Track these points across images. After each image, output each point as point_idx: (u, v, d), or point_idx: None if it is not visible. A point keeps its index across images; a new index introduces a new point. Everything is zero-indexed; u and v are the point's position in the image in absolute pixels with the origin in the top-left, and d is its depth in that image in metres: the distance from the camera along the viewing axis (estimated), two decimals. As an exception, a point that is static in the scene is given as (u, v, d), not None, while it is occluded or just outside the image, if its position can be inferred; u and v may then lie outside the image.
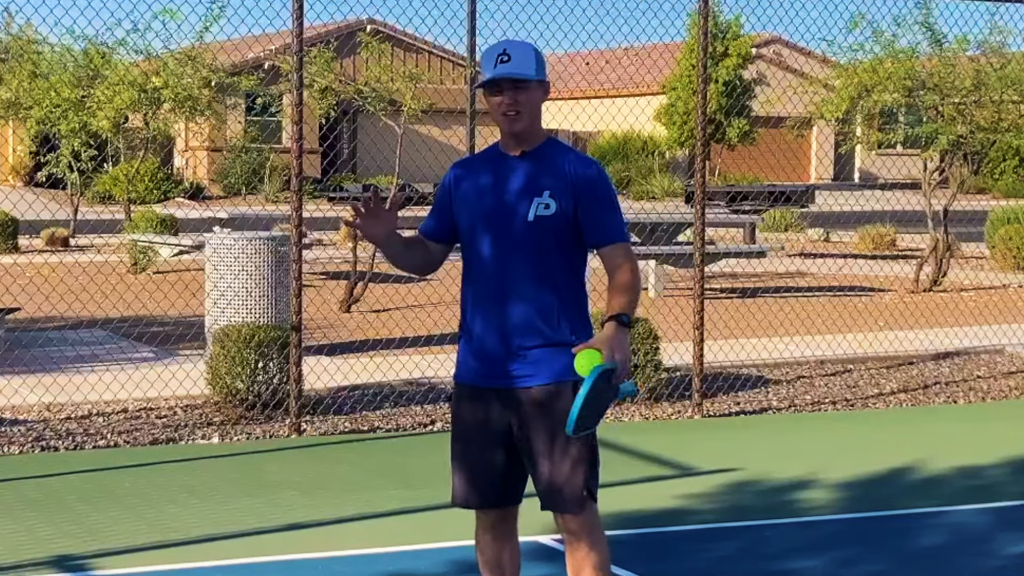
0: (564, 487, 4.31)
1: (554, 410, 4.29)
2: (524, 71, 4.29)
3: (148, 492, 7.19)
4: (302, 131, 8.61)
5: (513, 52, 4.28)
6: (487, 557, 4.57)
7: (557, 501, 4.34)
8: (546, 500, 4.37)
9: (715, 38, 38.22)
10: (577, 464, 4.31)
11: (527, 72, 4.29)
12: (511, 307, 4.31)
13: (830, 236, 26.40)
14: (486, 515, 4.51)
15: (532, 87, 4.31)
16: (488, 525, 4.53)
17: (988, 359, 11.92)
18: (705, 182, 9.71)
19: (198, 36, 21.48)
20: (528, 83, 4.30)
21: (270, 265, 10.46)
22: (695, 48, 12.35)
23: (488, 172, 4.40)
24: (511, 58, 4.27)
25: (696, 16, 9.74)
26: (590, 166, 4.37)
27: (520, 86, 4.29)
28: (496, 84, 4.28)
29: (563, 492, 4.32)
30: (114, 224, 21.56)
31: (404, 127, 16.04)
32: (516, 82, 4.28)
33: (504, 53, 4.27)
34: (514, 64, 4.27)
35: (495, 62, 4.28)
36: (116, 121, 22.47)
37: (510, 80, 4.28)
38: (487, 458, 4.41)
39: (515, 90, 4.28)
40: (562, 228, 4.31)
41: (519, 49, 4.30)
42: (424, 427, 8.94)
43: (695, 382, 9.54)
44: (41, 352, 11.14)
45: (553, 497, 4.34)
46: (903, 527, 6.78)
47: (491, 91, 4.29)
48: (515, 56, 4.28)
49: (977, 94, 17.38)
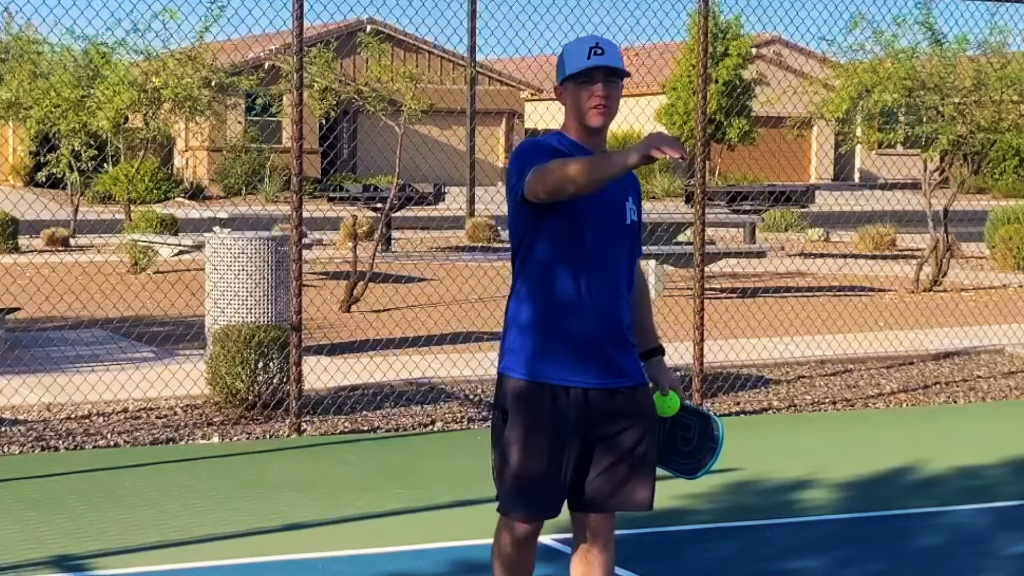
0: (651, 485, 4.32)
1: (649, 408, 4.33)
2: (620, 65, 4.22)
3: (148, 492, 7.20)
4: (302, 131, 8.61)
5: (606, 47, 4.21)
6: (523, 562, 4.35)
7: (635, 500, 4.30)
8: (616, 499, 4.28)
9: (715, 38, 38.23)
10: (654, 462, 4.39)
11: (622, 67, 4.23)
12: (619, 307, 4.25)
13: (830, 236, 26.41)
14: (537, 525, 4.31)
15: (620, 84, 4.26)
16: (534, 535, 4.32)
17: (988, 359, 11.92)
18: (705, 182, 9.71)
19: (198, 36, 21.50)
20: (620, 78, 4.24)
21: (270, 265, 10.45)
22: (695, 48, 12.35)
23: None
24: (605, 52, 4.20)
25: (696, 16, 9.74)
26: (637, 179, 4.42)
27: (613, 80, 4.22)
28: (589, 74, 4.18)
29: (648, 490, 4.32)
30: (114, 224, 21.55)
31: (404, 127, 16.04)
32: (610, 75, 4.21)
33: (597, 46, 4.19)
34: (608, 57, 4.20)
35: (588, 53, 4.18)
36: (116, 121, 22.48)
37: (605, 71, 4.19)
38: (564, 461, 4.21)
39: (608, 83, 4.20)
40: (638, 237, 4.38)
41: (611, 45, 4.24)
42: (424, 427, 8.94)
43: (695, 382, 9.54)
44: (41, 352, 11.13)
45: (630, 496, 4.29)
46: (903, 527, 6.78)
47: (581, 81, 4.19)
48: (608, 51, 4.21)
49: (977, 94, 17.38)
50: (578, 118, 4.22)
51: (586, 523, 4.33)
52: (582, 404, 4.21)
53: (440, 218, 27.45)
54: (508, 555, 4.31)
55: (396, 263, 19.88)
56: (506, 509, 4.26)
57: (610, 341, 4.22)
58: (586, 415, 4.22)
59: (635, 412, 4.28)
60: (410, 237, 25.73)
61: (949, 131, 17.48)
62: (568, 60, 4.22)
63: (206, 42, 22.10)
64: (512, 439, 4.22)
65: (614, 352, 4.23)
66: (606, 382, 4.22)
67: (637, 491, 4.31)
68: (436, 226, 26.84)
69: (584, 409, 4.21)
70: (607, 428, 4.25)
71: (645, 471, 4.32)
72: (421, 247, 24.06)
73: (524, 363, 4.22)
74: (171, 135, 29.63)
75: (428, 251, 23.24)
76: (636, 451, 4.28)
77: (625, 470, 4.28)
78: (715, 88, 38.09)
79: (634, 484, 4.30)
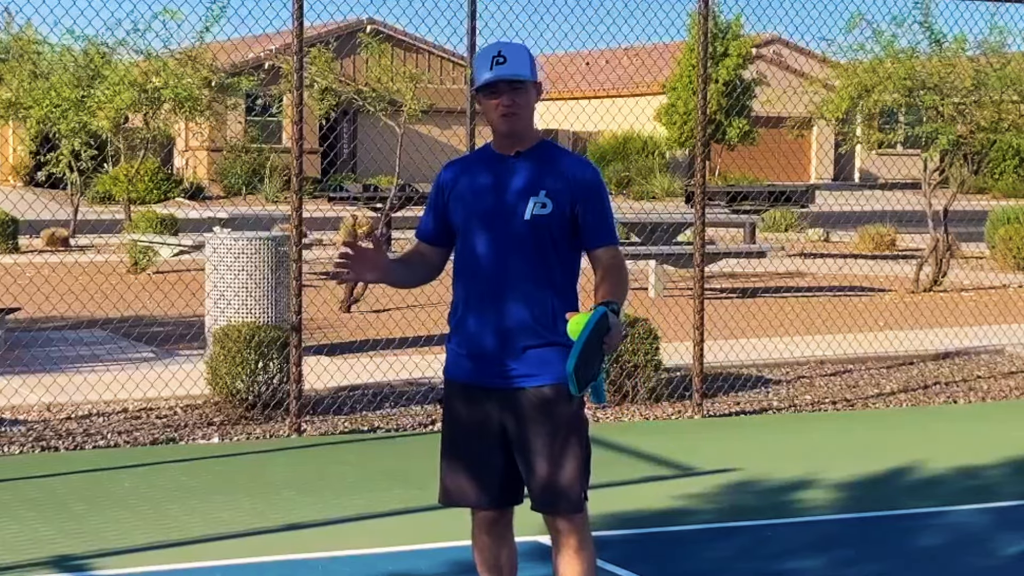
0: (563, 489, 4.31)
1: (555, 411, 4.30)
2: (521, 72, 4.31)
3: (148, 492, 7.20)
4: (302, 131, 8.61)
5: (508, 53, 4.31)
6: (485, 557, 4.56)
7: (555, 503, 4.34)
8: (542, 502, 4.36)
9: (715, 38, 38.20)
10: (575, 466, 4.32)
11: (523, 73, 4.32)
12: (510, 306, 4.31)
13: (830, 236, 26.40)
14: (484, 515, 4.50)
15: (528, 88, 4.34)
16: (486, 526, 4.52)
17: (988, 359, 11.92)
18: (705, 182, 9.70)
19: (198, 36, 21.49)
20: (524, 84, 4.32)
21: (270, 265, 10.46)
22: (695, 48, 12.35)
23: (485, 172, 4.41)
24: (507, 60, 4.29)
25: (696, 16, 9.73)
26: (587, 169, 4.41)
27: (517, 87, 4.31)
28: (493, 86, 4.30)
29: (562, 494, 4.31)
30: (114, 224, 21.56)
31: (404, 127, 16.04)
32: (513, 83, 4.30)
33: (499, 55, 4.29)
34: (510, 66, 4.29)
35: (491, 64, 4.29)
36: (116, 121, 22.48)
37: (507, 81, 4.30)
38: (485, 457, 4.39)
39: (513, 91, 4.31)
40: (558, 228, 4.32)
41: (514, 50, 4.33)
42: (424, 427, 8.93)
43: (695, 382, 9.53)
44: (41, 352, 11.13)
45: (550, 499, 4.33)
46: (903, 527, 6.78)
47: (487, 93, 4.32)
48: (511, 57, 4.30)
49: (977, 94, 17.38)
50: (493, 126, 4.38)
51: (544, 521, 4.44)
52: (488, 402, 4.36)
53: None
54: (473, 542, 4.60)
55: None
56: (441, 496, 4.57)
57: (499, 342, 4.31)
58: (496, 414, 4.35)
59: (534, 414, 4.31)
60: (410, 237, 25.71)
61: (949, 131, 17.47)
62: (476, 72, 4.35)
63: (206, 42, 22.09)
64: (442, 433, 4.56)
65: (505, 353, 4.31)
66: (500, 382, 4.33)
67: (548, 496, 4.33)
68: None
69: (492, 407, 4.35)
70: (516, 429, 4.34)
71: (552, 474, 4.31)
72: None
73: (447, 362, 4.50)
74: (171, 135, 29.61)
75: (428, 251, 23.18)
76: (543, 453, 4.31)
77: (537, 472, 4.33)
78: (715, 88, 38.06)
79: (544, 488, 4.32)
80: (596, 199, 4.37)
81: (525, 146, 4.38)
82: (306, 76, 11.14)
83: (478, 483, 4.42)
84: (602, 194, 4.40)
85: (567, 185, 4.33)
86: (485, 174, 4.41)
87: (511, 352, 4.31)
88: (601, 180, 4.44)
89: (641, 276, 17.64)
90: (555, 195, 4.32)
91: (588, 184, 4.36)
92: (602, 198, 4.39)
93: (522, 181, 4.35)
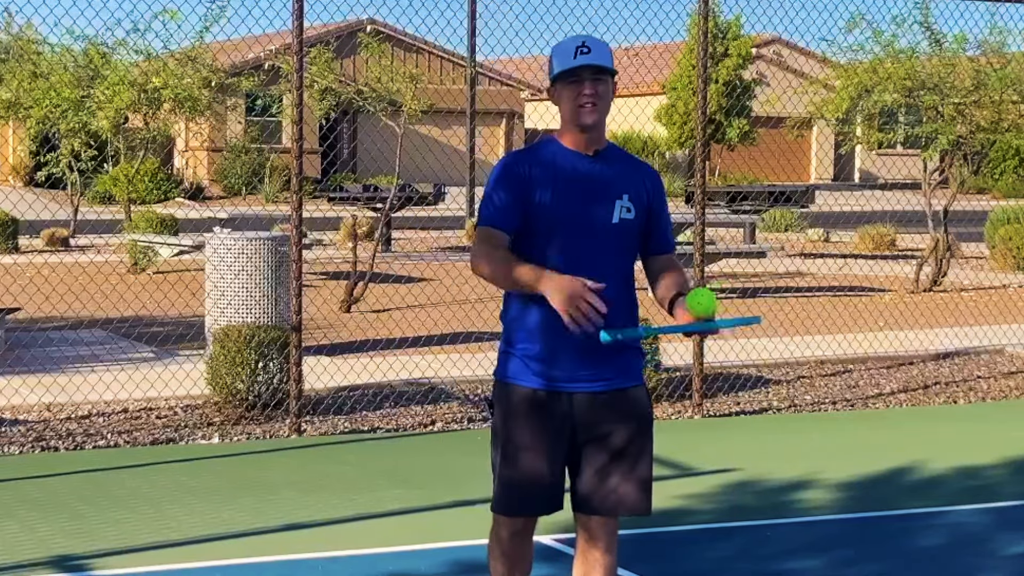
0: (645, 487, 4.31)
1: (640, 410, 4.31)
2: (606, 62, 4.23)
3: (148, 492, 7.19)
4: (302, 131, 8.61)
5: (593, 45, 4.23)
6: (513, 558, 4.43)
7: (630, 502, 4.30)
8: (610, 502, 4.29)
9: (715, 38, 38.22)
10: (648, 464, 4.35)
11: (608, 64, 4.23)
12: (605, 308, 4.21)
13: (830, 236, 26.40)
14: (527, 521, 4.38)
15: (609, 81, 4.25)
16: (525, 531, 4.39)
17: (988, 359, 11.92)
18: (705, 182, 9.71)
19: (198, 36, 21.49)
20: (607, 76, 4.24)
21: (270, 265, 10.46)
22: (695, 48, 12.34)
23: (567, 171, 4.25)
24: (591, 50, 4.21)
25: (696, 16, 9.74)
26: (658, 177, 4.42)
27: (600, 77, 4.22)
28: (576, 74, 4.20)
29: (643, 492, 4.31)
30: (114, 224, 21.56)
31: (404, 127, 16.04)
32: (597, 72, 4.21)
33: (584, 45, 4.21)
34: (595, 55, 4.21)
35: (575, 53, 4.20)
36: (116, 121, 22.47)
37: (592, 69, 4.20)
38: (551, 464, 4.25)
39: (596, 81, 4.21)
40: (636, 234, 4.32)
41: (598, 44, 4.25)
42: (424, 427, 8.94)
43: (695, 382, 9.54)
44: (41, 352, 11.14)
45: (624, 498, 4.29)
46: (903, 527, 6.78)
47: (569, 81, 4.21)
48: (595, 49, 4.22)
49: (977, 94, 17.38)
50: (570, 118, 4.24)
51: (585, 525, 4.34)
52: (566, 407, 4.23)
53: (440, 218, 27.46)
54: (499, 551, 4.40)
55: (396, 263, 19.89)
56: (494, 506, 4.34)
57: (589, 345, 4.15)
58: (571, 418, 4.24)
59: (622, 415, 4.27)
60: (410, 237, 25.74)
61: (949, 131, 17.48)
62: (556, 60, 4.24)
63: (206, 42, 22.09)
64: (500, 441, 4.29)
65: (595, 355, 4.20)
66: (587, 385, 4.23)
67: (629, 494, 4.30)
68: (436, 226, 26.85)
69: (568, 412, 4.24)
70: (593, 430, 4.26)
71: (635, 474, 4.30)
72: (421, 247, 24.07)
73: (510, 367, 4.29)
74: (171, 135, 29.62)
75: (428, 251, 23.24)
76: (625, 454, 4.28)
77: (615, 472, 4.28)
78: (715, 88, 38.09)
79: (625, 487, 4.29)
80: (665, 205, 4.40)
81: (600, 145, 4.29)
82: (306, 76, 11.14)
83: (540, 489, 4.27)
84: (666, 201, 4.42)
85: (645, 191, 4.32)
86: (567, 173, 4.24)
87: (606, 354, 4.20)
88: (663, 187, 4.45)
89: (641, 276, 17.65)
90: (636, 200, 4.29)
91: (660, 191, 4.38)
92: (666, 205, 4.42)
93: (607, 183, 4.26)
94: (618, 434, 4.27)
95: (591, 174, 4.25)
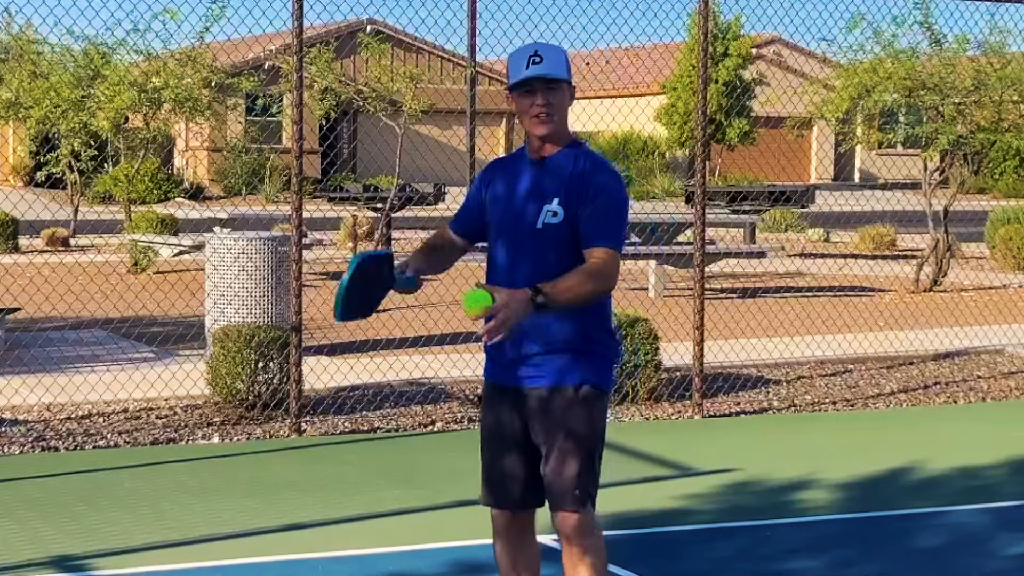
0: (557, 483, 4.33)
1: (552, 410, 4.33)
2: (557, 72, 4.26)
3: (148, 492, 7.19)
4: (302, 131, 8.61)
5: (545, 53, 4.27)
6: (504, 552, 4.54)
7: (553, 497, 4.36)
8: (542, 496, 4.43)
9: (715, 38, 38.22)
10: (570, 462, 4.32)
11: (560, 73, 4.27)
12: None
13: (830, 236, 26.40)
14: (501, 516, 4.51)
15: (563, 89, 4.29)
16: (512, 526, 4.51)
17: (988, 359, 11.91)
18: (705, 182, 9.71)
19: (198, 36, 21.48)
20: (560, 84, 4.28)
21: (270, 265, 10.45)
22: (695, 48, 12.35)
23: (510, 176, 4.41)
24: (543, 59, 4.25)
25: (696, 16, 9.73)
26: (601, 172, 4.29)
27: (552, 87, 4.26)
28: (528, 84, 4.25)
29: (556, 488, 4.33)
30: (114, 224, 21.56)
31: (404, 127, 16.04)
32: (549, 83, 4.25)
33: (536, 54, 4.25)
34: (547, 65, 4.25)
35: (527, 63, 4.25)
36: (116, 121, 22.47)
37: (543, 80, 4.25)
38: (506, 458, 4.43)
39: (548, 91, 4.26)
40: (569, 236, 4.27)
41: (551, 51, 4.29)
42: (424, 427, 8.94)
43: (695, 382, 9.53)
44: (41, 352, 11.13)
45: (549, 493, 4.37)
46: (903, 527, 6.78)
47: (522, 92, 4.28)
48: (547, 57, 4.26)
49: (977, 94, 17.38)
50: (526, 127, 4.35)
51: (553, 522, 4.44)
52: (514, 402, 4.39)
53: (440, 218, 27.38)
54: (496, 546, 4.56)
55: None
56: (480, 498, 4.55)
57: (513, 347, 4.32)
58: (516, 414, 4.39)
59: (538, 414, 4.35)
60: (410, 237, 25.72)
61: (949, 131, 17.47)
62: (510, 70, 4.31)
63: (206, 42, 22.09)
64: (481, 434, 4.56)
65: (516, 354, 4.34)
66: (514, 383, 4.37)
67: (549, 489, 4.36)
68: (436, 226, 26.73)
69: (517, 406, 4.39)
70: (531, 427, 4.38)
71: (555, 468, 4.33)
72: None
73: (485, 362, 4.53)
74: (171, 135, 29.62)
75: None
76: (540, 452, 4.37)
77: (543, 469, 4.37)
78: (715, 88, 38.08)
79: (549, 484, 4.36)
80: (600, 199, 4.22)
81: (554, 150, 4.32)
82: (306, 76, 11.14)
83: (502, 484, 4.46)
84: (610, 196, 4.25)
85: (573, 186, 4.26)
86: (510, 179, 4.40)
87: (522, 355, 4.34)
88: (613, 184, 4.28)
89: (641, 276, 17.65)
90: (566, 202, 4.27)
91: (595, 186, 4.24)
92: (609, 199, 4.24)
93: (539, 188, 4.31)
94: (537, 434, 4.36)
95: (526, 179, 4.36)
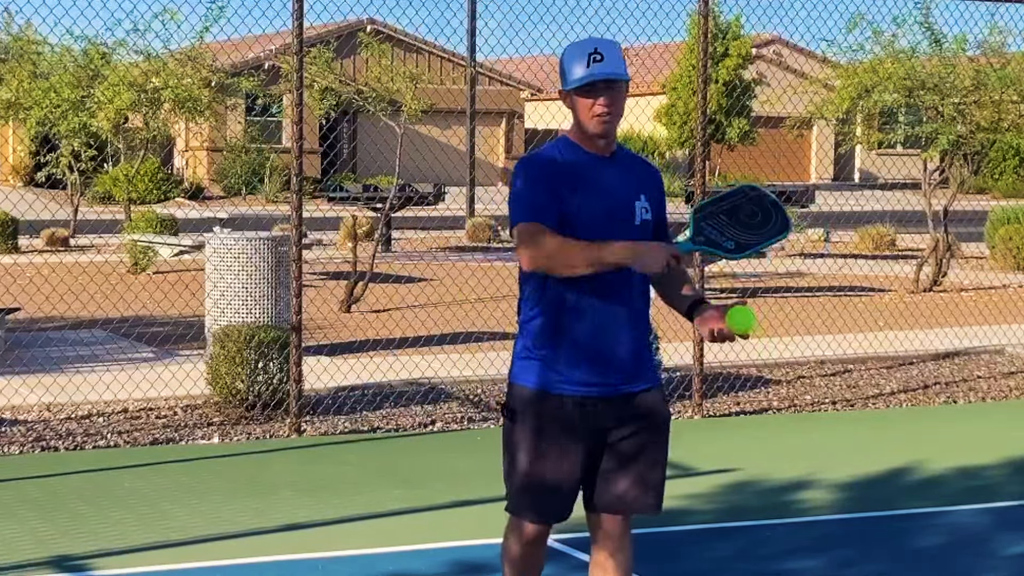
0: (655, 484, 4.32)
1: (657, 412, 4.32)
2: (619, 71, 4.13)
3: (148, 492, 7.20)
4: (302, 131, 8.61)
5: (605, 51, 4.11)
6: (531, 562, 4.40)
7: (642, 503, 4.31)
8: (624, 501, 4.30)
9: (715, 38, 38.20)
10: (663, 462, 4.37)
11: (622, 72, 4.14)
12: (634, 312, 4.23)
13: (830, 236, 26.38)
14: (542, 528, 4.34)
15: (623, 88, 4.18)
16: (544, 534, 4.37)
17: (988, 359, 11.92)
18: (705, 182, 9.71)
19: (198, 36, 21.49)
20: (622, 84, 4.16)
21: (270, 265, 10.45)
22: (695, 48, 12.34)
23: (593, 172, 4.21)
24: (604, 57, 4.10)
25: (696, 16, 9.73)
26: (660, 175, 4.43)
27: (615, 87, 4.14)
28: (591, 85, 4.11)
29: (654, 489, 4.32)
30: (114, 224, 21.56)
31: (404, 127, 16.04)
32: (612, 83, 4.13)
33: (596, 52, 4.10)
34: (608, 64, 4.10)
35: (587, 61, 4.10)
36: (116, 121, 22.47)
37: (606, 81, 4.11)
38: (568, 475, 4.23)
39: (610, 91, 4.13)
40: (652, 233, 4.31)
41: (609, 48, 4.13)
42: (424, 427, 8.94)
43: (695, 382, 9.54)
44: (41, 352, 11.13)
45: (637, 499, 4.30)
46: (903, 527, 6.78)
47: (583, 92, 4.13)
48: (608, 55, 4.11)
49: (977, 94, 17.38)
50: (585, 127, 4.19)
51: (599, 524, 4.34)
52: (588, 410, 4.20)
53: (440, 218, 27.45)
54: (516, 555, 4.35)
55: (396, 263, 19.88)
56: (515, 510, 4.30)
57: (614, 347, 4.19)
58: (592, 420, 4.21)
59: (641, 417, 4.27)
60: (410, 237, 25.73)
61: (949, 131, 17.47)
62: (568, 68, 4.15)
63: (206, 42, 22.09)
64: (521, 444, 4.24)
65: (618, 358, 4.20)
66: (609, 388, 4.21)
67: (643, 494, 4.31)
68: (436, 226, 26.84)
69: (591, 414, 4.20)
70: (614, 433, 4.25)
71: (651, 475, 4.31)
72: (421, 247, 24.07)
73: (530, 370, 4.23)
74: (171, 135, 29.62)
75: (428, 251, 23.24)
76: (642, 455, 4.30)
77: (631, 473, 4.28)
78: (715, 88, 38.07)
79: (641, 487, 4.30)
80: (664, 200, 4.40)
81: (612, 147, 4.26)
82: (306, 76, 11.14)
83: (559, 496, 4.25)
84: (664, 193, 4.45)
85: (654, 189, 4.32)
86: (594, 174, 4.20)
87: (635, 357, 4.24)
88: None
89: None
90: (651, 200, 4.30)
91: (661, 186, 4.39)
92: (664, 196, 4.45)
93: (628, 185, 4.24)
94: (634, 437, 4.27)
95: (612, 177, 4.23)
